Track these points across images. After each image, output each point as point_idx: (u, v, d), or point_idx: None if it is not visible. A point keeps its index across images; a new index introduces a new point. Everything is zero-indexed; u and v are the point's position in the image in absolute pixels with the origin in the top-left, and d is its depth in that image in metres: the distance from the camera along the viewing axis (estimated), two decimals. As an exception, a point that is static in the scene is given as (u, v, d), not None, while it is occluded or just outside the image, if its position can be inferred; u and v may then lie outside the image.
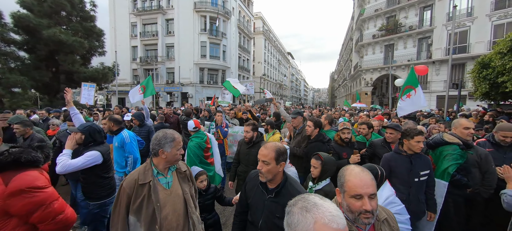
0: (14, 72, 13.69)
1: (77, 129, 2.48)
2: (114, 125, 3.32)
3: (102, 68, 18.30)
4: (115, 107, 6.93)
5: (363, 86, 25.15)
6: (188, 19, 26.07)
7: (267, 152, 1.47)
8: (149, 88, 7.61)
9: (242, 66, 33.99)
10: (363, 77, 25.51)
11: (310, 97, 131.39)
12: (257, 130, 3.09)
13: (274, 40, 51.90)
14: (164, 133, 1.61)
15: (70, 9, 16.16)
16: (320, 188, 2.07)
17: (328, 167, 2.10)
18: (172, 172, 1.71)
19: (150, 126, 4.64)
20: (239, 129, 5.32)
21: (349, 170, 1.14)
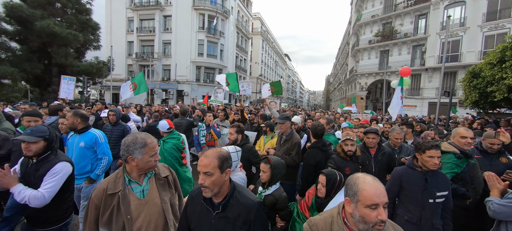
0: (4, 63, 13.34)
1: (35, 136, 1.77)
2: (81, 122, 2.81)
3: (97, 63, 18.02)
4: (97, 103, 6.56)
5: (358, 90, 25.50)
6: (186, 17, 25.90)
7: (209, 161, 1.23)
8: (141, 85, 7.42)
9: (239, 66, 33.96)
10: (358, 81, 25.88)
11: (306, 99, 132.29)
12: (242, 132, 2.97)
13: (272, 41, 52.07)
14: (134, 138, 1.43)
15: (65, 1, 15.85)
16: (270, 193, 2.00)
17: (278, 171, 2.03)
18: (150, 179, 1.53)
19: (125, 126, 4.19)
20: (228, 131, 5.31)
21: (362, 179, 1.09)
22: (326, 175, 1.93)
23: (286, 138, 3.22)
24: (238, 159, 2.20)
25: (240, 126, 2.96)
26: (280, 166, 2.06)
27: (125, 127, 4.14)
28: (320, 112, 11.20)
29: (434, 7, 19.76)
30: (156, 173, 1.57)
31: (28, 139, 1.74)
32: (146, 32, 26.82)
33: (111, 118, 4.13)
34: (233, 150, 2.16)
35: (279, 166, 2.05)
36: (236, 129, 2.93)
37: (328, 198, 1.88)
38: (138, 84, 7.50)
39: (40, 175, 1.77)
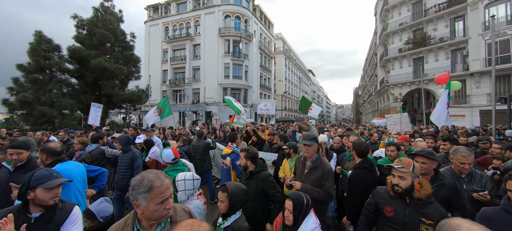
0: (66, 97, 15.73)
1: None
2: (47, 157, 2.35)
3: (137, 91, 20.14)
4: (129, 129, 6.41)
5: (392, 102, 23.82)
6: (213, 43, 27.95)
7: None
8: (165, 109, 7.43)
9: (264, 85, 34.72)
10: (391, 92, 24.27)
11: (333, 114, 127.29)
12: (253, 158, 2.56)
13: (294, 58, 52.61)
14: (140, 178, 1.17)
15: (114, 41, 18.46)
16: (228, 225, 1.77)
17: (237, 199, 1.80)
18: (163, 228, 1.24)
19: (134, 153, 3.74)
20: None
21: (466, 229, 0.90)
22: (293, 199, 1.76)
23: (313, 165, 2.61)
24: (193, 187, 2.01)
25: (249, 151, 2.57)
26: (240, 194, 1.83)
27: (134, 154, 3.69)
28: (351, 126, 10.52)
29: (471, 8, 18.19)
30: (172, 220, 1.28)
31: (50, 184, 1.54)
32: (178, 60, 29.51)
33: (117, 145, 3.84)
34: (189, 177, 2.01)
35: (238, 194, 1.82)
36: (245, 153, 2.56)
37: (296, 226, 1.72)
38: (163, 108, 7.47)
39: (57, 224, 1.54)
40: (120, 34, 19.07)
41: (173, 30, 30.58)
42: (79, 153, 4.08)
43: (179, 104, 27.89)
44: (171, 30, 30.64)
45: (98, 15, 18.23)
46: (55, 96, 15.36)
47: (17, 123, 16.02)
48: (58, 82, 16.15)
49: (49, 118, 14.93)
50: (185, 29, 29.89)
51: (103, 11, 18.44)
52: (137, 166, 3.63)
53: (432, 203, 1.69)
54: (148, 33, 32.10)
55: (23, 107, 14.95)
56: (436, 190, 2.00)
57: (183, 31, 30.02)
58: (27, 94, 14.64)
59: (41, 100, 14.88)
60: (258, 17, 33.14)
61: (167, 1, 31.71)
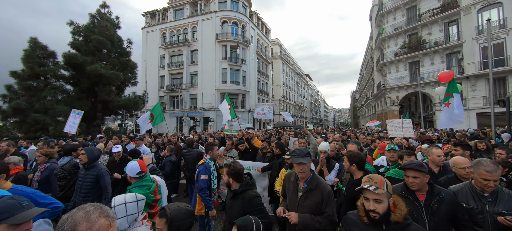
0: (60, 104, 15.47)
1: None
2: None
3: (134, 97, 19.92)
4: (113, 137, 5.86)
5: (389, 106, 23.92)
6: (211, 49, 27.98)
7: None
8: (157, 115, 7.24)
9: (261, 90, 34.73)
10: (388, 96, 24.41)
11: (331, 118, 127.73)
12: (238, 175, 2.19)
13: (292, 63, 52.95)
14: (66, 217, 0.95)
15: (110, 47, 18.32)
16: None
17: (178, 225, 1.43)
18: None
19: (100, 170, 3.11)
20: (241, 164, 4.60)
21: None
22: (239, 226, 1.50)
23: (308, 187, 2.09)
24: (137, 210, 1.68)
25: (231, 166, 2.22)
26: (182, 217, 1.47)
27: (99, 171, 3.07)
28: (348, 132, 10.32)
29: (465, 13, 18.52)
30: None
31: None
32: (176, 66, 29.43)
33: (81, 159, 3.09)
34: (130, 199, 1.66)
35: (180, 217, 1.46)
36: (227, 170, 2.21)
37: None
38: (155, 115, 7.28)
39: None
40: (116, 40, 18.96)
41: (171, 36, 30.62)
42: (44, 166, 3.58)
43: (177, 110, 27.70)
44: (168, 36, 30.68)
45: (95, 21, 18.15)
46: (49, 103, 15.08)
47: (10, 130, 15.68)
48: (52, 88, 15.89)
49: (43, 125, 14.63)
50: (183, 35, 29.94)
51: (99, 18, 18.36)
52: (104, 186, 3.04)
53: (410, 225, 1.47)
54: (145, 39, 32.08)
55: (16, 115, 14.65)
56: (437, 207, 1.82)
57: (180, 37, 30.06)
58: (20, 101, 14.37)
59: (35, 108, 14.59)
60: (255, 23, 33.38)
61: (165, 8, 31.85)
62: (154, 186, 2.42)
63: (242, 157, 4.76)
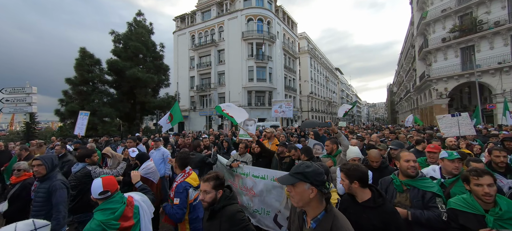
0: (106, 106, 17.21)
1: None
2: None
3: (167, 98, 21.20)
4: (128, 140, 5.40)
5: (436, 98, 21.12)
6: (237, 48, 28.27)
7: None
8: (176, 115, 7.05)
9: (288, 86, 33.95)
10: (434, 87, 21.56)
11: (365, 113, 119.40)
12: (220, 186, 1.85)
13: (320, 57, 50.65)
14: None
15: (145, 52, 19.74)
16: None
17: None
18: None
19: (55, 183, 2.59)
20: (250, 171, 3.66)
21: None
22: None
23: (317, 228, 1.34)
24: None
25: (218, 178, 1.86)
26: None
27: (52, 184, 2.56)
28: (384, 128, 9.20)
29: (539, -18, 15.19)
30: None
31: None
32: (204, 66, 30.54)
33: (36, 170, 2.61)
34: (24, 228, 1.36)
35: None
36: (213, 183, 1.81)
37: None
38: (174, 115, 7.14)
39: None
40: (151, 45, 20.34)
41: (199, 38, 31.80)
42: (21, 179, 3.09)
43: (206, 109, 28.71)
44: (197, 38, 31.91)
45: (132, 29, 19.72)
46: (97, 105, 16.90)
47: (68, 130, 18.05)
48: (99, 92, 17.79)
49: (92, 125, 16.46)
50: (210, 36, 30.86)
51: (136, 25, 19.89)
52: (55, 203, 2.49)
53: None
54: (176, 42, 33.94)
55: (72, 116, 16.75)
56: None
57: (208, 38, 31.03)
58: (74, 104, 16.38)
59: (86, 110, 16.50)
60: (281, 17, 32.65)
61: (193, 11, 33.17)
62: (121, 209, 1.87)
63: (257, 162, 4.19)
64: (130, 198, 2.04)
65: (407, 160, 2.08)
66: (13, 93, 14.04)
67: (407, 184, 2.08)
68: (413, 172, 2.05)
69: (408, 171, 2.05)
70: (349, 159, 2.69)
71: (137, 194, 2.19)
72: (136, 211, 1.99)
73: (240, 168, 3.77)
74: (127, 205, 1.94)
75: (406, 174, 2.08)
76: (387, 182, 2.25)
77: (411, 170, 2.05)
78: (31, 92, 14.25)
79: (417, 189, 2.03)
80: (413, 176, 2.06)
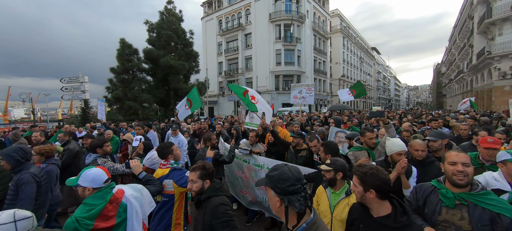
0: (144, 92, 18.70)
1: None
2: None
3: (198, 83, 22.08)
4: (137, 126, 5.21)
5: (497, 79, 17.97)
6: (264, 31, 27.55)
7: None
8: (195, 101, 6.55)
9: (318, 69, 32.33)
10: (495, 66, 18.29)
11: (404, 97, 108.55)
12: (210, 176, 1.81)
13: (354, 36, 46.59)
14: None
15: (176, 40, 20.54)
16: None
17: None
18: None
19: (22, 177, 2.37)
20: (265, 162, 3.31)
21: None
22: None
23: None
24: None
25: (205, 167, 1.81)
26: None
27: (19, 179, 2.37)
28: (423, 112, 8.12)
29: None
30: None
31: None
32: (232, 51, 30.69)
33: (3, 165, 2.50)
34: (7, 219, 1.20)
35: None
36: (199, 173, 1.78)
37: None
38: (193, 101, 6.64)
39: None
40: (181, 33, 21.03)
41: (226, 22, 31.75)
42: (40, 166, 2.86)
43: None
44: (224, 22, 31.91)
45: (163, 18, 20.54)
46: (137, 92, 18.50)
47: (115, 114, 20.29)
48: (138, 80, 19.36)
49: (134, 110, 18.17)
50: (237, 20, 30.55)
51: (167, 14, 20.64)
52: (20, 198, 2.30)
53: None
54: (204, 28, 34.49)
55: (117, 102, 18.70)
56: None
57: (235, 22, 30.79)
58: (118, 91, 18.17)
59: (128, 96, 18.22)
60: (311, -6, 30.49)
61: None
62: (99, 207, 1.61)
63: (269, 152, 3.86)
64: (119, 193, 1.74)
65: (453, 163, 1.48)
66: (70, 82, 16.11)
67: (464, 198, 1.45)
68: (461, 181, 1.44)
69: (453, 178, 1.46)
70: (393, 153, 2.20)
71: (133, 188, 1.89)
72: (121, 209, 1.69)
73: (254, 158, 3.45)
74: (111, 202, 1.65)
75: (452, 183, 1.49)
76: (427, 190, 1.63)
77: (459, 177, 1.44)
78: (84, 81, 16.18)
79: (481, 208, 1.39)
80: (462, 186, 1.45)
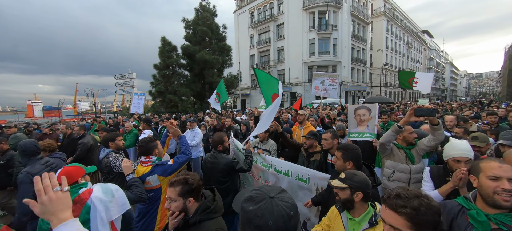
0: (182, 86, 20.03)
1: None
2: None
3: (230, 77, 22.68)
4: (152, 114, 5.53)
5: None
6: (297, 20, 26.50)
7: None
8: (222, 94, 6.84)
9: (356, 58, 29.87)
10: None
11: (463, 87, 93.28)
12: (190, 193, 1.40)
13: (401, 18, 41.43)
14: None
15: (210, 35, 21.27)
16: None
17: None
18: None
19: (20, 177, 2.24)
20: (273, 162, 2.96)
21: None
22: None
23: None
24: None
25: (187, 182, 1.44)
26: None
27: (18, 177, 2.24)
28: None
29: None
30: None
31: None
32: (264, 44, 30.47)
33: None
34: None
35: None
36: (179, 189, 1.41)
37: None
38: (221, 94, 6.94)
39: None
40: (215, 28, 21.67)
41: (258, 14, 31.51)
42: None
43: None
44: (256, 14, 31.72)
45: (199, 14, 21.42)
46: (176, 86, 19.94)
47: (158, 107, 22.34)
48: (177, 75, 20.81)
49: (174, 103, 19.68)
50: (269, 11, 30.03)
51: (201, 10, 21.45)
52: (17, 197, 2.30)
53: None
54: (237, 22, 34.89)
55: (160, 96, 20.49)
56: None
57: (266, 13, 30.33)
58: (161, 86, 19.85)
59: (169, 90, 19.78)
60: (349, -24, 27.98)
61: (252, -14, 32.74)
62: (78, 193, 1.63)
63: (282, 151, 3.53)
64: (85, 194, 1.65)
65: (494, 178, 1.11)
66: (121, 79, 18.18)
67: (502, 221, 1.09)
68: (507, 202, 1.07)
69: (496, 198, 1.09)
70: (449, 159, 1.80)
71: (104, 189, 1.73)
72: (84, 211, 1.60)
73: (262, 157, 3.12)
74: (74, 203, 1.57)
75: (492, 203, 1.11)
76: (452, 210, 1.27)
77: (504, 198, 1.07)
78: (132, 77, 18.09)
79: None
80: (508, 208, 1.09)
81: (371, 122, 3.30)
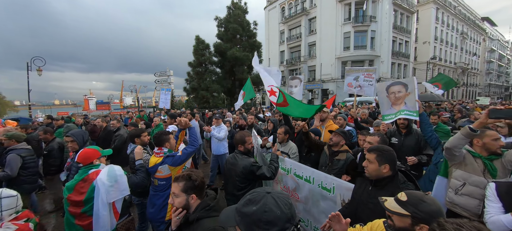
0: (214, 83, 20.77)
1: None
2: None
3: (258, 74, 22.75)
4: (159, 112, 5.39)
5: None
6: (331, 13, 25.12)
7: None
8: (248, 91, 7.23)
9: (398, 52, 27.13)
10: None
11: (535, 84, 77.73)
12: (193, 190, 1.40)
13: (454, 5, 36.19)
14: None
15: (241, 32, 21.55)
16: None
17: None
18: None
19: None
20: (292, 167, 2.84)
21: None
22: None
23: None
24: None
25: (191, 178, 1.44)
26: None
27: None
28: None
29: None
30: None
31: None
32: (294, 39, 29.69)
33: (71, 146, 2.85)
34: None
35: None
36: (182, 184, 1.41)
37: None
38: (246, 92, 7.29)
39: None
40: (245, 25, 21.88)
41: (289, 9, 30.76)
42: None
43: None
44: (287, 9, 31.02)
45: (230, 12, 21.84)
46: (208, 83, 20.78)
47: (192, 103, 23.61)
48: (209, 72, 21.65)
49: (206, 99, 20.57)
50: (300, 5, 29.06)
51: (233, 8, 21.82)
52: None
53: None
54: (267, 18, 34.64)
55: (193, 92, 21.61)
56: None
57: (298, 7, 29.41)
58: (194, 83, 20.91)
59: (201, 87, 20.73)
60: (392, -39, 25.35)
61: (283, -19, 32.05)
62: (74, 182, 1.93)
63: (306, 156, 3.22)
64: (93, 174, 1.94)
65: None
66: (160, 76, 19.62)
67: None
68: None
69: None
70: None
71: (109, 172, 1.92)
72: (90, 189, 1.88)
73: (281, 160, 2.89)
74: (84, 181, 1.92)
75: None
76: None
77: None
78: (170, 75, 19.36)
79: None
80: None
81: (410, 99, 2.83)
